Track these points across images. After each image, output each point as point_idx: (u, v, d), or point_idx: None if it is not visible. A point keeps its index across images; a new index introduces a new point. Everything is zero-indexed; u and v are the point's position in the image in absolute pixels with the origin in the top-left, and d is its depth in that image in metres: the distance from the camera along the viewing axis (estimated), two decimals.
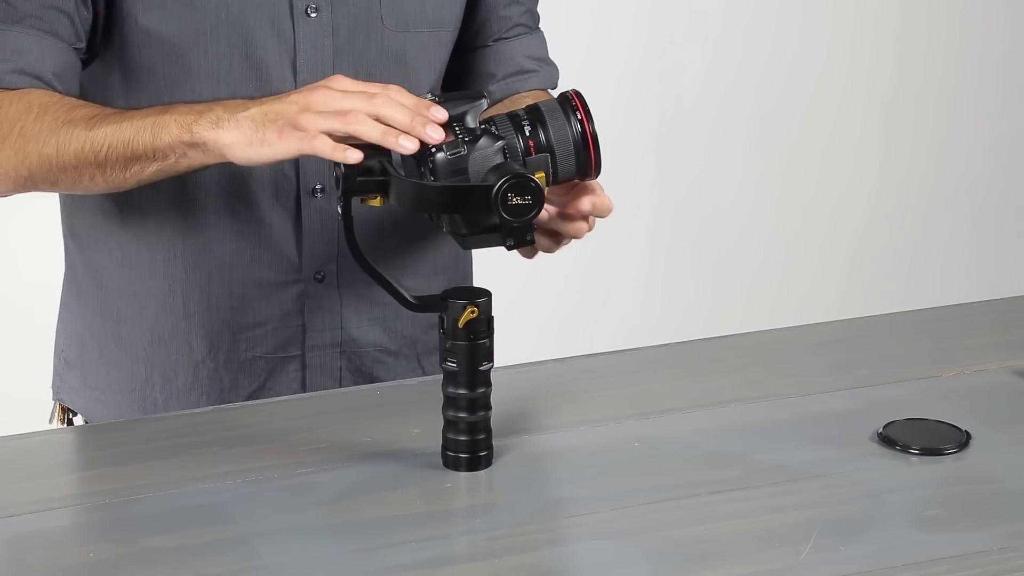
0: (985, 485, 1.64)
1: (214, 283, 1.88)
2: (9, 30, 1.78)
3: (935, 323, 2.09)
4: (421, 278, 1.67)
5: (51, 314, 2.07)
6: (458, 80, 2.03)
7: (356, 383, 1.95)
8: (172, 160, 1.70)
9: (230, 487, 1.62)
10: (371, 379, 1.97)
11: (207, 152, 1.67)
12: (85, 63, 1.85)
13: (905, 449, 1.70)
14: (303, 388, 1.93)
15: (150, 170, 1.72)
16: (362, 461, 1.68)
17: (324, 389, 1.94)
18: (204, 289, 1.89)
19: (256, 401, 1.89)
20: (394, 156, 1.62)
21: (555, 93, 1.85)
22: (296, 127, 1.61)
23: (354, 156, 1.59)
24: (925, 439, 1.71)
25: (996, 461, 1.69)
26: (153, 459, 1.69)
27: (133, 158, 1.71)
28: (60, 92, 1.79)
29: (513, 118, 1.63)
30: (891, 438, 1.71)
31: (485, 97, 1.63)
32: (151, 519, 1.56)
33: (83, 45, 1.82)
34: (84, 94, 1.85)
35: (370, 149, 1.62)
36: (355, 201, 1.62)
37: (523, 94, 1.99)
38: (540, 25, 2.07)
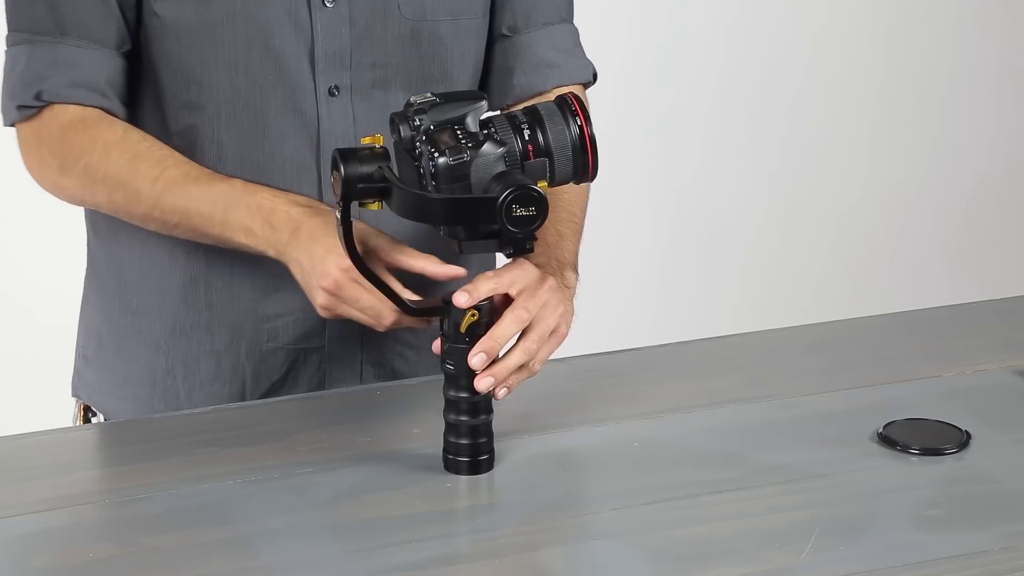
0: (985, 485, 1.65)
1: (236, 274, 1.88)
2: (59, 43, 1.81)
3: (935, 323, 2.09)
4: (435, 281, 1.67)
5: (75, 313, 2.06)
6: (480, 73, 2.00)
7: (377, 377, 1.94)
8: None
9: (230, 487, 1.62)
10: (391, 372, 1.95)
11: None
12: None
13: (905, 449, 1.70)
14: (324, 380, 1.93)
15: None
16: (362, 461, 1.68)
17: (345, 382, 1.93)
18: (227, 280, 1.89)
19: (256, 401, 1.89)
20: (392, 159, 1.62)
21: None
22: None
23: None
24: (925, 439, 1.71)
25: (996, 461, 1.69)
26: (153, 459, 1.69)
27: (202, 237, 1.79)
28: (115, 101, 1.82)
29: (512, 120, 1.61)
30: (891, 438, 1.71)
31: (485, 98, 1.62)
32: (151, 519, 1.57)
33: (129, 47, 1.84)
34: None
35: (371, 155, 1.61)
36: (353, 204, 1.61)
37: (547, 94, 1.95)
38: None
